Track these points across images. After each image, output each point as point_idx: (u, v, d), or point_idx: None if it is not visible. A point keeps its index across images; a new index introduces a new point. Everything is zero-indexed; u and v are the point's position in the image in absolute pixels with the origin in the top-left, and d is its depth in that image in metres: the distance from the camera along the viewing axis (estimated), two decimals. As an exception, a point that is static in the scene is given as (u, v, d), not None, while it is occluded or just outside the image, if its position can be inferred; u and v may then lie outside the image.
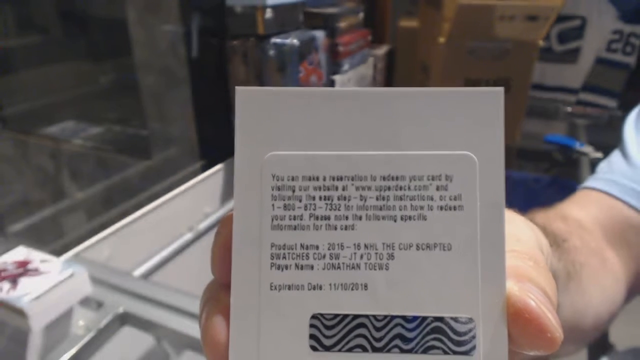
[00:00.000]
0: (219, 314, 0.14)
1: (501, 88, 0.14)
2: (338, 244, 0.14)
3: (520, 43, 0.98)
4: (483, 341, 0.13)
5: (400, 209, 0.14)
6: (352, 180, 0.14)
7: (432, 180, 0.14)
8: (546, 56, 1.26)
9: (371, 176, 0.14)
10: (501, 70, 1.00)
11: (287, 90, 0.14)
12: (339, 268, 0.14)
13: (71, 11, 0.75)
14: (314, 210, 0.14)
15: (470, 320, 0.13)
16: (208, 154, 0.92)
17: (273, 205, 0.14)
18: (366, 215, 0.14)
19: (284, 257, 0.14)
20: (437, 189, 0.14)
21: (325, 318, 0.14)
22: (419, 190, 0.14)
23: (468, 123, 0.14)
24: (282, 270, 0.14)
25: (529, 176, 1.02)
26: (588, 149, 1.04)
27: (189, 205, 0.83)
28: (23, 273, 0.47)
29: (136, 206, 0.75)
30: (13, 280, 0.46)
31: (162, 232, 0.78)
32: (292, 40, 0.84)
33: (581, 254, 0.31)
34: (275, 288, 0.14)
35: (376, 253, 0.14)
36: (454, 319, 0.13)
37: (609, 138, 1.06)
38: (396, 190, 0.14)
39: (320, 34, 0.92)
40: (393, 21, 1.32)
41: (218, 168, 0.90)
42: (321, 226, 0.14)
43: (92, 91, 0.79)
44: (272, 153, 0.14)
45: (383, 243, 0.14)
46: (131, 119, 0.86)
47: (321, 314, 0.14)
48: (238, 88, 0.14)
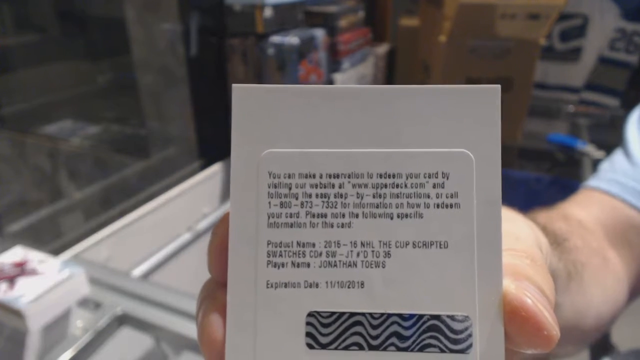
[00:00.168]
0: (216, 312, 0.14)
1: (498, 85, 0.14)
2: (334, 242, 0.14)
3: (521, 42, 0.98)
4: (479, 339, 0.13)
5: (396, 207, 0.14)
6: (349, 177, 0.14)
7: (429, 177, 0.14)
8: (548, 55, 1.25)
9: (368, 174, 0.14)
10: (503, 69, 1.00)
11: (284, 87, 0.14)
12: (336, 266, 0.14)
13: (69, 10, 0.75)
14: (311, 207, 0.14)
15: (466, 318, 0.13)
16: (207, 154, 0.92)
17: (269, 202, 0.14)
18: (363, 213, 0.14)
19: (281, 255, 0.14)
20: (434, 187, 0.14)
21: (321, 316, 0.14)
22: (416, 188, 0.14)
23: (465, 120, 0.14)
24: (279, 268, 0.14)
25: (531, 176, 1.02)
26: (590, 149, 1.03)
27: (188, 205, 0.83)
28: (21, 273, 0.47)
29: (134, 206, 0.75)
30: (10, 280, 0.46)
31: (161, 232, 0.78)
32: (292, 38, 0.84)
33: (582, 254, 0.31)
34: (271, 286, 0.14)
35: (373, 251, 0.14)
36: (451, 317, 0.13)
37: (611, 137, 1.06)
38: (393, 187, 0.14)
39: (320, 33, 0.91)
40: (393, 20, 1.32)
41: (217, 168, 0.90)
42: (318, 224, 0.14)
43: (90, 90, 0.79)
44: (269, 150, 0.14)
45: (380, 241, 0.14)
46: (129, 118, 0.86)
47: (317, 312, 0.14)
48: (235, 85, 0.14)
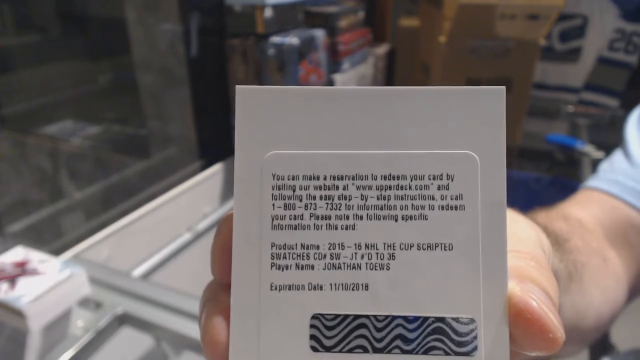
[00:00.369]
0: (219, 314, 0.14)
1: (503, 87, 0.14)
2: (339, 244, 0.14)
3: (521, 42, 0.98)
4: (484, 342, 0.13)
5: (401, 209, 0.14)
6: (353, 179, 0.14)
7: (434, 179, 0.14)
8: (547, 55, 1.25)
9: (372, 175, 0.14)
10: (502, 69, 1.00)
11: (287, 89, 0.14)
12: (340, 268, 0.14)
13: (70, 10, 0.75)
14: (315, 209, 0.14)
15: (471, 320, 0.13)
16: (207, 154, 0.92)
17: (273, 204, 0.14)
18: (367, 215, 0.14)
19: (285, 257, 0.14)
20: (439, 189, 0.14)
21: (325, 318, 0.14)
22: (420, 189, 0.14)
23: (469, 122, 0.14)
24: (283, 270, 0.14)
25: (530, 176, 1.02)
26: (589, 149, 1.03)
27: (188, 205, 0.83)
28: (21, 273, 0.47)
29: (135, 206, 0.75)
30: (11, 280, 0.46)
31: (161, 232, 0.78)
32: (292, 39, 0.84)
33: (582, 254, 0.31)
34: (275, 288, 0.14)
35: (377, 253, 0.14)
36: (455, 320, 0.13)
37: (611, 138, 1.06)
38: (397, 189, 0.14)
39: (320, 33, 0.91)
40: (393, 20, 1.32)
41: (217, 168, 0.90)
42: (322, 226, 0.14)
43: (91, 90, 0.79)
44: (272, 152, 0.14)
45: (384, 243, 0.14)
46: (130, 119, 0.86)
47: (322, 314, 0.14)
48: (238, 87, 0.14)
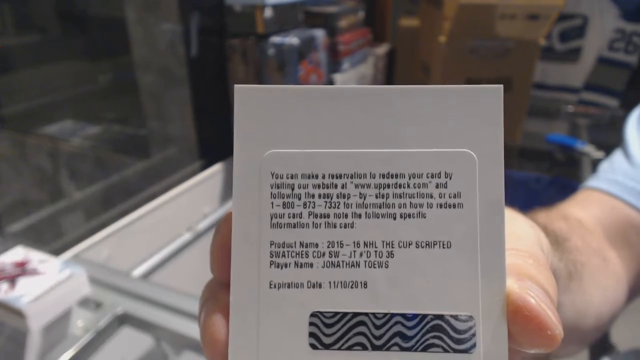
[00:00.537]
0: (218, 313, 0.14)
1: (500, 85, 0.14)
2: (337, 242, 0.14)
3: (521, 42, 0.98)
4: (483, 339, 0.13)
5: (399, 207, 0.14)
6: (352, 178, 0.14)
7: (432, 177, 0.14)
8: (547, 55, 1.25)
9: (370, 174, 0.14)
10: (502, 69, 1.00)
11: (286, 87, 0.14)
12: (339, 266, 0.14)
13: (70, 10, 0.75)
14: (314, 208, 0.14)
15: (470, 318, 0.13)
16: (207, 154, 0.92)
17: (272, 203, 0.14)
18: (366, 213, 0.14)
19: (284, 255, 0.14)
20: (437, 187, 0.14)
21: (324, 316, 0.14)
22: (419, 188, 0.14)
23: (467, 120, 0.14)
24: (282, 268, 0.14)
25: (530, 176, 1.02)
26: (589, 149, 1.04)
27: (188, 205, 0.83)
28: (21, 273, 0.47)
29: (135, 206, 0.75)
30: (11, 280, 0.46)
31: (161, 232, 0.78)
32: (292, 39, 0.84)
33: (582, 254, 0.31)
34: (274, 286, 0.14)
35: (376, 251, 0.14)
36: (454, 317, 0.13)
37: (611, 138, 1.06)
38: (395, 188, 0.14)
39: (320, 33, 0.91)
40: (393, 20, 1.32)
41: (217, 168, 0.90)
42: (320, 224, 0.14)
43: (91, 90, 0.79)
44: (271, 151, 0.14)
45: (383, 241, 0.14)
46: (130, 119, 0.86)
47: (321, 312, 0.14)
48: (237, 86, 0.14)
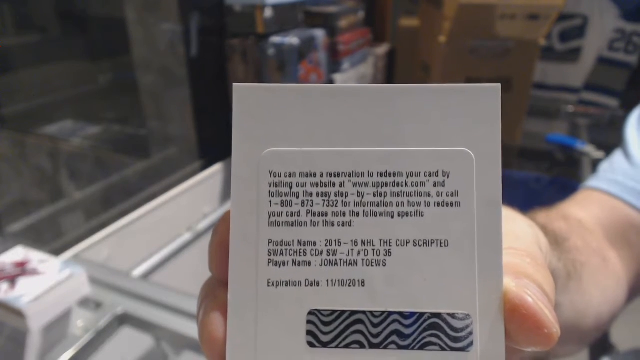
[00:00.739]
0: (217, 311, 0.14)
1: (498, 84, 0.14)
2: (335, 240, 0.14)
3: (521, 42, 0.98)
4: (480, 337, 0.13)
5: (397, 205, 0.14)
6: (350, 176, 0.14)
7: (430, 176, 0.14)
8: (547, 55, 1.25)
9: (368, 172, 0.14)
10: (502, 69, 1.00)
11: (284, 86, 0.14)
12: (337, 264, 0.14)
13: (70, 10, 0.75)
14: (312, 206, 0.14)
15: (467, 316, 0.13)
16: (207, 154, 0.92)
17: (270, 201, 0.14)
18: (363, 211, 0.14)
19: (282, 254, 0.14)
20: (435, 185, 0.14)
21: (322, 314, 0.14)
22: (416, 186, 0.14)
23: (465, 119, 0.14)
24: (280, 266, 0.14)
25: (530, 176, 1.02)
26: (589, 149, 1.03)
27: (188, 205, 0.83)
28: (21, 273, 0.47)
29: (135, 206, 0.75)
30: (11, 280, 0.46)
31: (161, 232, 0.78)
32: (292, 39, 0.84)
33: (582, 254, 0.31)
34: (272, 284, 0.14)
35: (373, 249, 0.14)
36: (451, 315, 0.13)
37: (611, 138, 1.06)
38: (393, 186, 0.14)
39: (320, 33, 0.92)
40: (393, 20, 1.32)
41: (217, 168, 0.90)
42: (318, 222, 0.14)
43: (91, 90, 0.79)
44: (270, 149, 0.14)
45: (380, 239, 0.14)
46: (130, 119, 0.86)
47: (318, 310, 0.14)
48: (235, 85, 0.14)
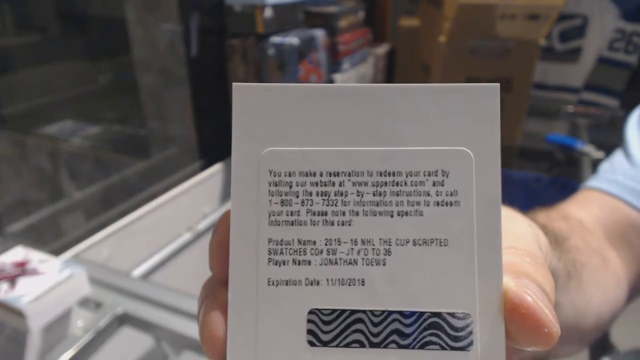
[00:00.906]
0: (217, 310, 0.14)
1: (497, 84, 0.14)
2: (335, 240, 0.14)
3: (521, 42, 0.98)
4: (480, 337, 0.13)
5: (397, 205, 0.14)
6: (349, 175, 0.14)
7: (429, 175, 0.14)
8: (547, 55, 1.25)
9: (368, 172, 0.14)
10: (502, 69, 1.00)
11: (284, 86, 0.14)
12: (336, 263, 0.14)
13: (70, 10, 0.75)
14: (311, 205, 0.14)
15: (467, 315, 0.13)
16: (207, 154, 0.92)
17: (270, 200, 0.14)
18: (363, 210, 0.14)
19: (282, 253, 0.14)
20: (434, 185, 0.14)
21: (322, 313, 0.14)
22: (416, 185, 0.14)
23: (464, 119, 0.14)
24: (280, 265, 0.14)
25: (530, 176, 1.02)
26: (589, 149, 1.03)
27: (188, 205, 0.83)
28: (21, 273, 0.47)
29: (135, 206, 0.75)
30: (11, 280, 0.46)
31: (161, 232, 0.78)
32: (292, 39, 0.84)
33: (582, 254, 0.31)
34: (272, 283, 0.14)
35: (373, 249, 0.14)
36: (451, 315, 0.13)
37: (611, 138, 1.06)
38: (393, 185, 0.14)
39: (320, 33, 0.92)
40: (393, 20, 1.32)
41: (217, 168, 0.90)
42: (318, 222, 0.14)
43: (91, 90, 0.79)
44: (270, 149, 0.14)
45: (380, 239, 0.14)
46: (130, 119, 0.86)
47: (319, 309, 0.14)
48: (235, 84, 0.14)
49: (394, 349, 0.13)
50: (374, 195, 0.14)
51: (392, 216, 0.14)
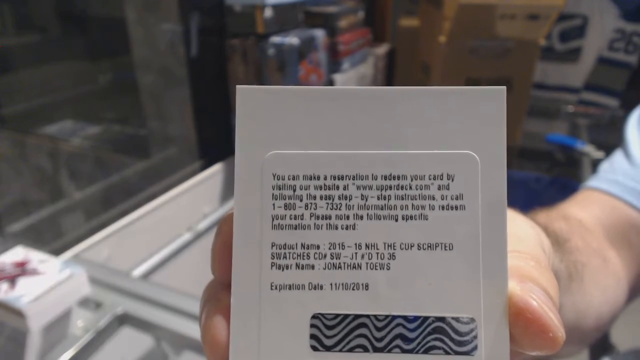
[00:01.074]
0: (219, 314, 0.14)
1: (503, 87, 0.14)
2: (339, 244, 0.14)
3: (521, 42, 0.98)
4: (485, 341, 0.13)
5: (401, 209, 0.14)
6: (353, 179, 0.14)
7: (434, 179, 0.14)
8: (547, 55, 1.25)
9: (372, 175, 0.14)
10: (502, 69, 1.00)
11: (288, 88, 0.14)
12: (340, 268, 0.14)
13: (70, 10, 0.75)
14: (315, 209, 0.14)
15: (471, 320, 0.13)
16: (207, 154, 0.92)
17: (274, 204, 0.14)
18: (367, 214, 0.14)
19: (285, 257, 0.14)
20: (439, 189, 0.14)
21: (326, 318, 0.14)
22: (421, 189, 0.14)
23: (470, 122, 0.14)
24: (283, 270, 0.14)
25: (530, 176, 1.02)
26: (589, 149, 1.04)
27: (188, 205, 0.83)
28: (21, 273, 0.47)
29: (135, 206, 0.75)
30: (11, 280, 0.46)
31: (161, 232, 0.78)
32: (292, 39, 0.84)
33: (583, 254, 0.31)
34: (275, 288, 0.14)
35: (377, 253, 0.14)
36: (456, 319, 0.13)
37: (611, 138, 1.06)
38: (397, 189, 0.14)
39: (320, 33, 0.91)
40: (393, 20, 1.32)
41: (217, 168, 0.90)
42: (322, 226, 0.14)
43: (91, 90, 0.79)
44: (273, 152, 0.14)
45: (384, 243, 0.14)
46: (130, 119, 0.86)
47: (322, 314, 0.14)
48: (239, 87, 0.14)
49: (398, 354, 0.13)
50: (379, 199, 0.14)
51: (397, 220, 0.14)
